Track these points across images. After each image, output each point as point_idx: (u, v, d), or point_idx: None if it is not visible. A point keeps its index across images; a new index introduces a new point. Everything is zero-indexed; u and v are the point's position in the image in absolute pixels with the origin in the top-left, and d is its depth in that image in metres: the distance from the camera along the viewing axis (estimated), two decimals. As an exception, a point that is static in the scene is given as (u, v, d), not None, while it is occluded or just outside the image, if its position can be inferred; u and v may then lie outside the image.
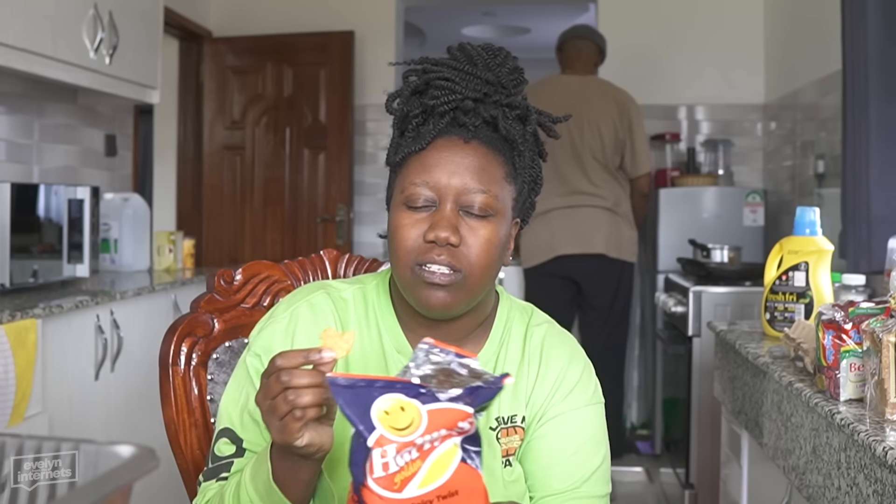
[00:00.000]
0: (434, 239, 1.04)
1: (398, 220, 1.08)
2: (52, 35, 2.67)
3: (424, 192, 1.07)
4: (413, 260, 1.06)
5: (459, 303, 1.07)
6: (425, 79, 1.10)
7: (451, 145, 1.08)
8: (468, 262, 1.06)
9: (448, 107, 1.08)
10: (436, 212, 1.06)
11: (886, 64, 2.48)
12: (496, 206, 1.08)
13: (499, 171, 1.09)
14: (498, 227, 1.08)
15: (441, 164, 1.07)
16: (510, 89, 1.11)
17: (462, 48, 1.12)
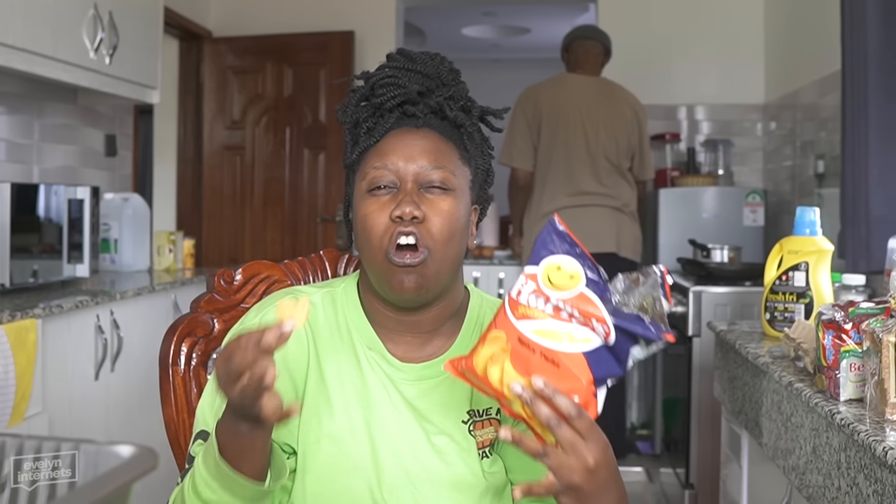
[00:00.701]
0: (400, 215, 1.08)
1: (364, 208, 1.12)
2: (52, 35, 2.67)
3: (385, 175, 1.11)
4: (384, 246, 1.09)
5: (429, 282, 1.10)
6: (370, 84, 1.16)
7: (404, 134, 1.14)
8: (432, 236, 1.10)
9: (395, 101, 1.14)
10: (398, 192, 1.11)
11: (886, 64, 2.48)
12: (454, 182, 1.13)
13: (452, 153, 1.15)
14: (458, 203, 1.13)
15: (397, 149, 1.12)
16: (451, 85, 1.17)
17: (400, 52, 1.18)
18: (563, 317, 0.94)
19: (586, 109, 3.63)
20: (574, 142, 3.60)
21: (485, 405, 1.15)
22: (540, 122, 3.61)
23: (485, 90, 8.83)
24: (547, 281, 0.95)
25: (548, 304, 0.94)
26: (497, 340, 0.95)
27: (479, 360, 0.95)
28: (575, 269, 0.95)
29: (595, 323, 0.93)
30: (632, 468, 3.89)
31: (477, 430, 1.14)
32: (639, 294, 0.95)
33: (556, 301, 0.94)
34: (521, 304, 0.95)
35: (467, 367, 0.96)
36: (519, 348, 0.94)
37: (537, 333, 0.94)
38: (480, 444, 1.14)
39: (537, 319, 0.94)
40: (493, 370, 0.95)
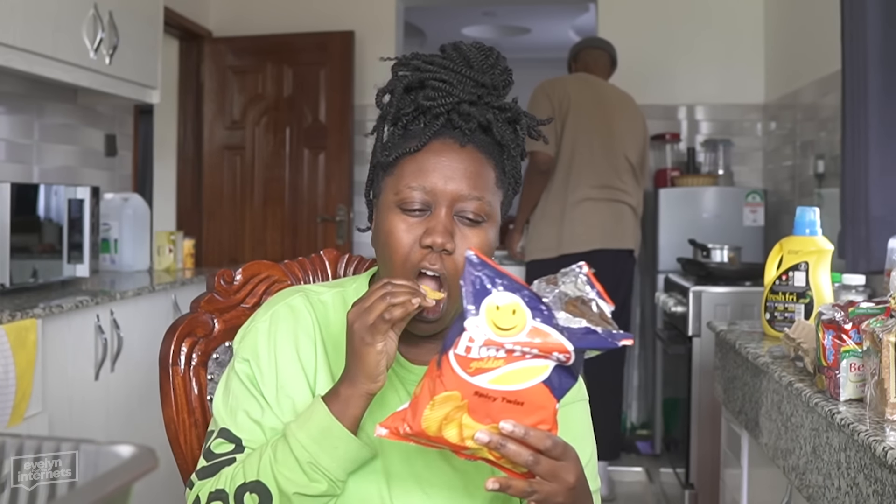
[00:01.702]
0: (430, 244, 1.05)
1: (392, 224, 1.08)
2: (52, 35, 2.67)
3: (420, 196, 1.07)
4: (409, 267, 1.07)
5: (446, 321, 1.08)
6: (419, 77, 1.10)
7: (447, 149, 1.09)
8: (457, 270, 1.05)
9: (444, 108, 1.09)
10: (431, 216, 1.07)
11: (886, 64, 2.48)
12: (489, 212, 1.09)
13: (491, 177, 1.11)
14: (489, 233, 1.10)
15: (438, 169, 1.08)
16: (500, 91, 1.12)
17: (457, 48, 1.12)
18: (516, 355, 0.89)
19: (611, 108, 3.65)
20: (600, 136, 3.59)
21: None
22: (567, 110, 3.58)
23: (485, 90, 8.88)
24: (494, 327, 0.88)
25: (500, 350, 0.88)
26: (449, 401, 0.89)
27: (430, 424, 0.89)
28: (512, 300, 0.89)
29: (555, 354, 0.89)
30: (632, 468, 3.89)
31: None
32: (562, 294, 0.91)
33: (510, 345, 0.88)
34: (474, 359, 0.88)
35: (414, 431, 0.90)
36: (477, 401, 0.89)
37: (494, 382, 0.89)
38: None
39: (493, 370, 0.88)
40: (448, 430, 0.90)
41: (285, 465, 1.02)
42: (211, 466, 1.09)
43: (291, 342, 1.12)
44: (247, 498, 1.03)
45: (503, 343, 0.88)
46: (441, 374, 0.89)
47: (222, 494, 1.05)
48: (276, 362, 1.12)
